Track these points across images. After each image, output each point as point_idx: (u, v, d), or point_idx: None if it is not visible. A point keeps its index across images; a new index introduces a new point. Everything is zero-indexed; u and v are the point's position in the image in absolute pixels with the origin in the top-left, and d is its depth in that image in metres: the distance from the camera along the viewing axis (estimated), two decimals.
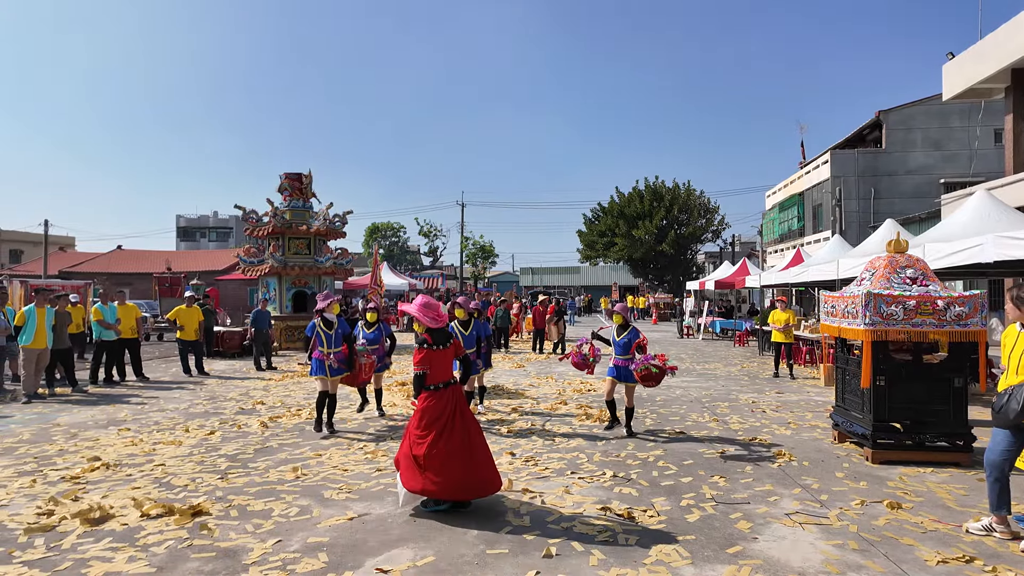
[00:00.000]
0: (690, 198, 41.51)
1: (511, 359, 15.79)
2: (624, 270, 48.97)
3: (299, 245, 18.80)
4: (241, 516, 4.63)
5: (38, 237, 40.41)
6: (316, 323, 7.41)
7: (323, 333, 7.34)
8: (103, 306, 11.49)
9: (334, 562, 3.87)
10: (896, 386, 6.11)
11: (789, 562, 3.86)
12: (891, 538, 4.22)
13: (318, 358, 7.34)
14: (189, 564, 3.83)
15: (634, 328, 7.27)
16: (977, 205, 9.02)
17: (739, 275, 21.08)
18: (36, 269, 35.73)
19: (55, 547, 4.07)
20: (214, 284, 27.25)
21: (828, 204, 25.09)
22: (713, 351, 17.96)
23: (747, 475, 5.67)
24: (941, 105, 22.29)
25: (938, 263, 8.01)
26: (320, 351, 7.33)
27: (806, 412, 8.70)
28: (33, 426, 7.80)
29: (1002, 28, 13.08)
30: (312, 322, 7.47)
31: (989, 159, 22.44)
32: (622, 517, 4.60)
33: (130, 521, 4.50)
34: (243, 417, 8.28)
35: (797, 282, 15.74)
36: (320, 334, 7.34)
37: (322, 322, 7.38)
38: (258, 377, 12.31)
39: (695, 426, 7.79)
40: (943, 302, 5.80)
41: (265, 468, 5.90)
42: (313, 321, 7.46)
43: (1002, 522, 4.22)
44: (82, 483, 5.41)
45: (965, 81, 14.32)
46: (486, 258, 56.98)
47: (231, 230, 62.11)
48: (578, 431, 7.48)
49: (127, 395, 10.20)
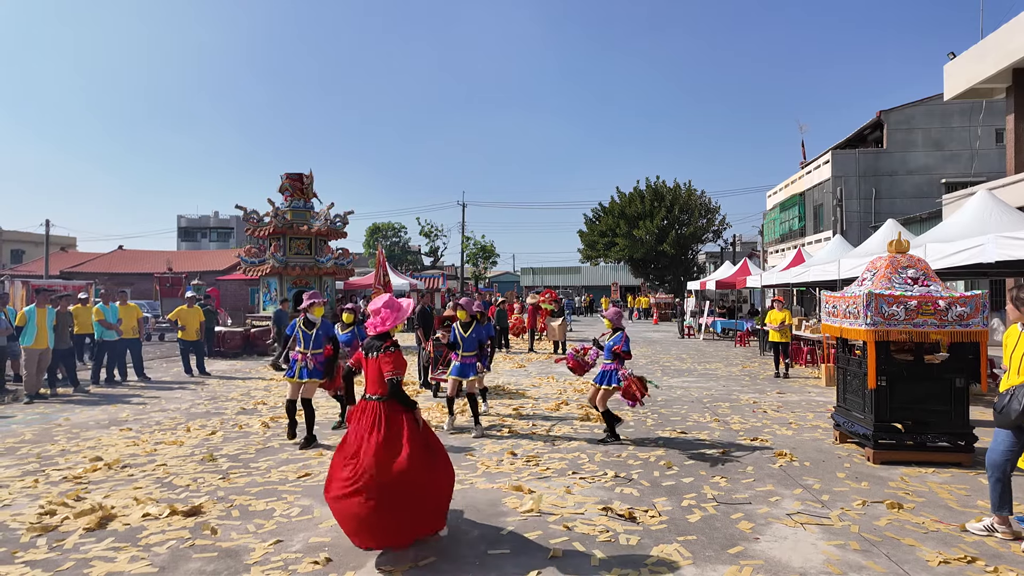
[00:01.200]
0: (691, 198, 41.47)
1: (512, 359, 15.80)
2: (625, 270, 48.93)
3: (300, 245, 18.80)
4: (243, 516, 4.64)
5: (39, 237, 40.45)
6: (297, 322, 7.04)
7: (302, 333, 6.96)
8: (104, 306, 11.52)
9: (336, 562, 3.87)
10: (897, 386, 6.11)
11: (790, 562, 3.86)
12: (892, 538, 4.22)
13: (294, 358, 6.93)
14: (191, 564, 3.84)
15: (620, 333, 6.97)
16: (978, 205, 9.01)
17: (740, 275, 21.06)
18: (37, 269, 35.76)
19: (57, 547, 4.08)
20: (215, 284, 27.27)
21: (829, 204, 25.06)
22: (714, 351, 17.95)
23: (748, 475, 5.67)
24: (942, 105, 22.28)
25: (939, 263, 8.00)
26: (297, 351, 6.92)
27: (807, 412, 8.70)
28: (35, 426, 7.81)
29: (1003, 28, 13.07)
30: (294, 321, 7.16)
31: (990, 159, 22.42)
32: (623, 517, 4.60)
33: (132, 521, 4.51)
34: (244, 417, 8.29)
35: (798, 282, 15.73)
36: (299, 334, 6.97)
37: (303, 322, 7.01)
38: (259, 377, 12.32)
39: (696, 426, 7.79)
40: (944, 302, 5.80)
41: (267, 468, 5.90)
42: (295, 320, 7.15)
43: (1004, 522, 4.22)
44: (84, 483, 5.42)
45: (966, 81, 14.31)
46: (487, 258, 56.93)
47: (232, 230, 62.12)
48: (579, 431, 7.48)
49: (128, 395, 10.21)
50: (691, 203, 41.36)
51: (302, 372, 6.84)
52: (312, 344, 6.91)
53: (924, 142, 24.42)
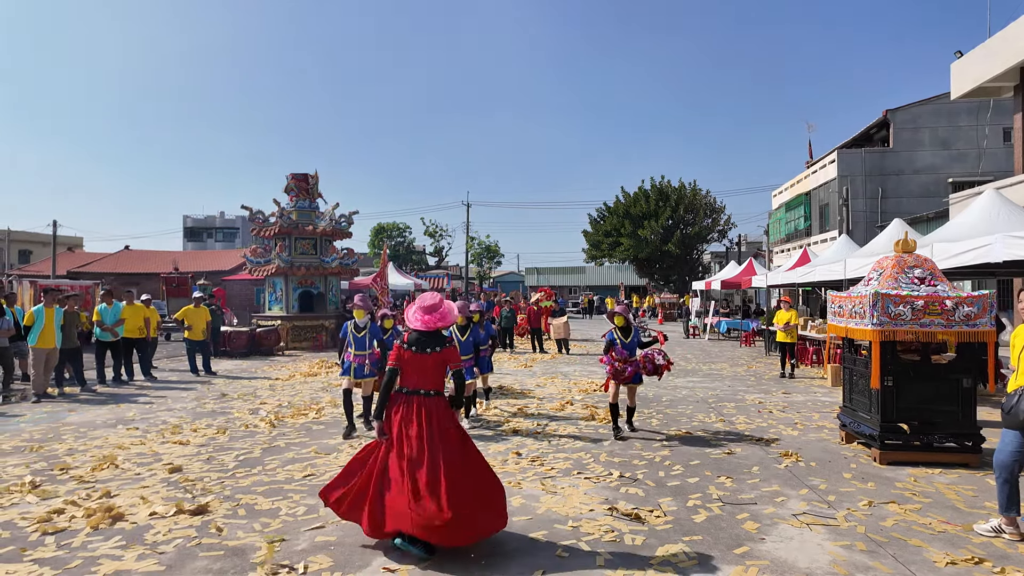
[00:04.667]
0: (696, 198, 41.36)
1: (516, 359, 15.80)
2: (630, 270, 48.86)
3: (305, 245, 18.87)
4: (249, 515, 4.66)
5: (47, 237, 40.65)
6: (348, 326, 7.49)
7: (353, 336, 7.40)
8: (105, 307, 11.54)
9: (341, 561, 3.88)
10: (904, 386, 6.08)
11: (796, 563, 3.85)
12: (899, 539, 4.21)
13: (348, 359, 7.39)
14: (198, 562, 3.85)
15: (636, 328, 7.37)
16: (986, 204, 8.95)
17: (745, 275, 20.98)
18: (45, 269, 35.95)
19: (65, 545, 4.10)
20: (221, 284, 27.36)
21: (835, 204, 24.97)
22: (719, 351, 17.90)
23: (754, 476, 5.66)
24: (949, 104, 22.17)
25: (946, 263, 7.96)
26: (349, 352, 7.38)
27: (813, 412, 8.67)
28: (43, 425, 7.86)
29: (1011, 26, 12.98)
30: (345, 324, 7.58)
31: (998, 158, 22.28)
32: (628, 517, 4.59)
33: (139, 520, 4.53)
34: (251, 416, 8.32)
35: (804, 282, 15.67)
36: (351, 337, 7.40)
37: (353, 326, 7.45)
38: (264, 376, 12.36)
39: (701, 426, 7.77)
40: (951, 302, 5.77)
41: (273, 467, 5.92)
42: (346, 324, 7.55)
43: (1011, 523, 4.20)
44: (91, 482, 5.45)
45: (973, 79, 14.21)
46: (491, 258, 56.95)
47: (238, 230, 62.33)
48: (584, 431, 7.47)
49: (135, 394, 10.26)
50: (696, 203, 41.25)
51: (357, 371, 7.33)
52: (358, 346, 7.36)
53: (931, 141, 24.30)
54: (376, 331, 7.56)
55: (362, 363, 7.35)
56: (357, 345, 7.37)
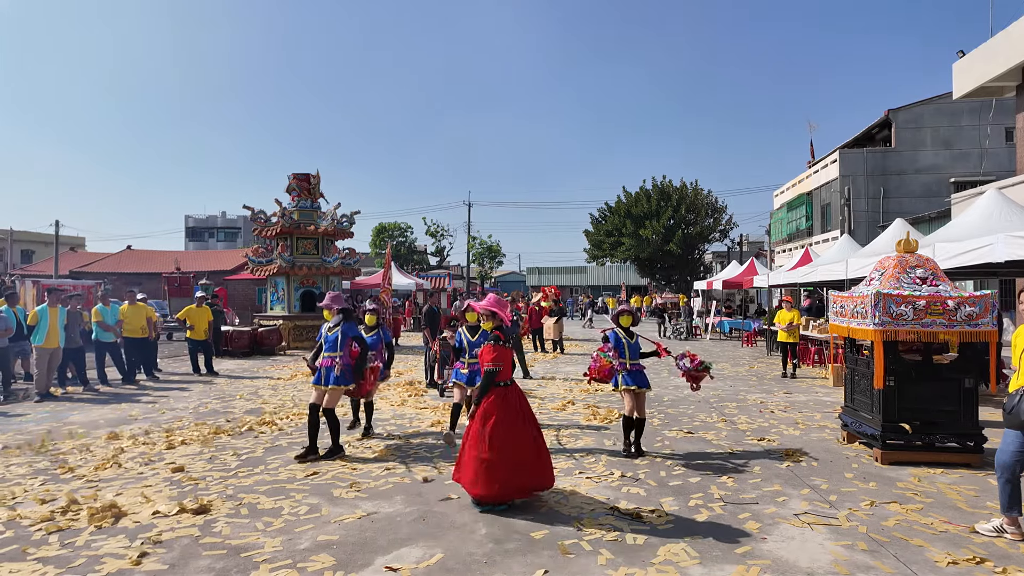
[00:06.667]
0: (697, 197, 41.32)
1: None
2: (631, 270, 48.84)
3: (307, 245, 18.89)
4: (251, 514, 4.67)
5: (49, 237, 40.79)
6: (323, 328, 6.68)
7: (325, 336, 6.59)
8: (104, 307, 11.55)
9: (343, 560, 3.89)
10: (906, 386, 6.08)
11: (798, 562, 3.85)
12: (901, 539, 4.21)
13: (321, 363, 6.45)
14: (200, 562, 3.87)
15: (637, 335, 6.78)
16: (988, 204, 8.95)
17: (747, 275, 20.98)
18: (47, 269, 36.04)
19: (69, 544, 4.12)
20: (223, 284, 27.40)
21: (837, 203, 24.94)
22: (721, 351, 17.90)
23: (755, 475, 5.66)
24: (951, 103, 22.13)
25: (948, 263, 7.96)
26: (324, 355, 6.47)
27: (815, 412, 8.67)
28: (46, 424, 7.88)
29: (1013, 25, 12.96)
30: (322, 327, 6.77)
31: (1000, 158, 22.25)
32: (630, 517, 4.60)
33: (142, 519, 4.55)
34: (252, 416, 8.33)
35: (805, 282, 15.66)
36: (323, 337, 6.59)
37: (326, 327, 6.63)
38: (266, 376, 12.38)
39: (703, 426, 7.78)
40: (953, 302, 5.77)
41: (275, 467, 5.94)
42: (322, 326, 6.76)
43: (1013, 523, 4.20)
44: (94, 481, 5.47)
45: (976, 79, 14.20)
46: (493, 258, 56.99)
47: (239, 230, 62.37)
48: (586, 431, 7.48)
49: (138, 394, 10.28)
50: (698, 202, 41.21)
51: (326, 376, 6.32)
52: (330, 346, 6.43)
53: (933, 141, 24.26)
54: (351, 329, 6.55)
55: (331, 365, 6.36)
56: (328, 345, 6.46)
